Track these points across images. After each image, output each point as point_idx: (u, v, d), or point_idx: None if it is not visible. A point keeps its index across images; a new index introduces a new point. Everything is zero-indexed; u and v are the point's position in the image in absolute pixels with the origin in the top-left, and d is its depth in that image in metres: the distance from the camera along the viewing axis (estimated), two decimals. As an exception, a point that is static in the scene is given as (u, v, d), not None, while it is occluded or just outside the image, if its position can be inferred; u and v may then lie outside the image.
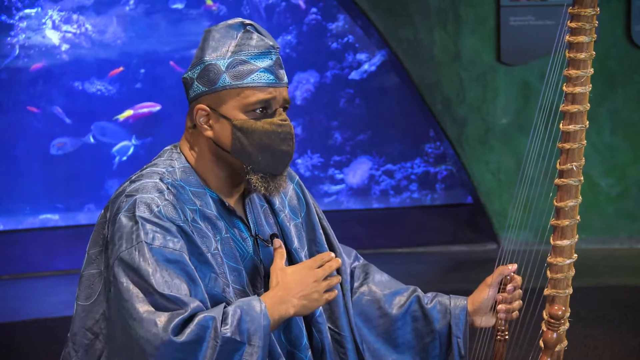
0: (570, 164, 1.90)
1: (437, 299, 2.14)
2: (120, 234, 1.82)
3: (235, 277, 1.92)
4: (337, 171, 7.74)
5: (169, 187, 1.88)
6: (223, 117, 1.90)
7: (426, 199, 7.80)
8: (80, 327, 1.91)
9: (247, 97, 1.89)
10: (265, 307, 1.82)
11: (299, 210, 2.13)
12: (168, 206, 1.85)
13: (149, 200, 1.84)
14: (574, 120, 1.88)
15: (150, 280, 1.77)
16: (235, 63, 1.89)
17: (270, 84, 1.91)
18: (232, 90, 1.89)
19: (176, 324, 1.73)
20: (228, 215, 1.96)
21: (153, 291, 1.76)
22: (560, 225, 1.93)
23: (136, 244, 1.80)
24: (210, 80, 1.90)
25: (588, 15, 1.84)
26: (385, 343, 2.16)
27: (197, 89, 1.92)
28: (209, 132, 1.92)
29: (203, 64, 1.91)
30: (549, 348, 1.95)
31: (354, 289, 2.20)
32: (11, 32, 7.21)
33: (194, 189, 1.92)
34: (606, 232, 6.76)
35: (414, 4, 6.60)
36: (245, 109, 1.89)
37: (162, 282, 1.77)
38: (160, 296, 1.76)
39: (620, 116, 6.72)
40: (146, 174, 1.91)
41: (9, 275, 6.34)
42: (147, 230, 1.81)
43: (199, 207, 1.91)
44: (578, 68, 1.86)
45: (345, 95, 7.71)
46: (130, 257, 1.79)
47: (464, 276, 6.05)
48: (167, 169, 1.93)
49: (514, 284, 2.05)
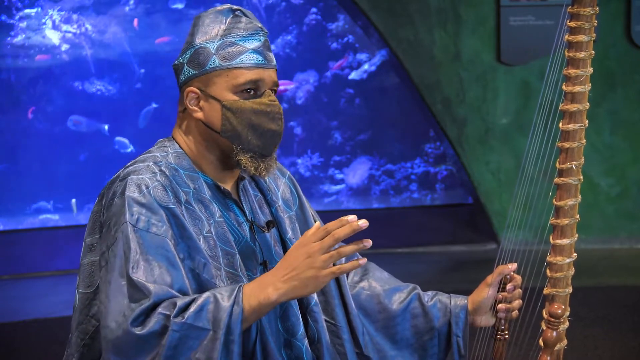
0: (569, 163, 1.90)
1: (438, 297, 2.15)
2: (115, 217, 1.84)
3: (228, 260, 1.91)
4: (337, 171, 7.74)
5: (162, 169, 1.90)
6: (213, 98, 1.92)
7: (426, 199, 7.80)
8: (85, 315, 1.92)
9: (236, 77, 1.91)
10: (239, 293, 1.76)
11: (292, 203, 2.14)
12: (158, 187, 1.86)
13: (139, 181, 1.85)
14: (574, 119, 1.88)
15: (128, 264, 1.77)
16: (224, 45, 1.92)
17: (259, 64, 1.93)
18: (222, 71, 1.92)
19: (137, 314, 1.73)
20: (223, 198, 1.97)
21: (126, 275, 1.76)
22: (560, 224, 1.93)
23: (121, 224, 1.81)
24: (200, 63, 1.93)
25: (587, 14, 1.84)
26: (385, 338, 2.15)
27: (187, 72, 1.95)
28: (199, 113, 1.95)
29: (193, 48, 1.94)
30: (549, 347, 1.95)
31: (353, 284, 2.20)
32: (11, 32, 7.21)
33: (188, 172, 1.94)
34: (606, 232, 6.76)
35: (414, 4, 6.60)
36: (235, 89, 1.92)
37: (137, 266, 1.77)
38: (129, 282, 1.76)
39: (620, 116, 6.72)
40: (140, 160, 1.93)
41: (9, 275, 6.35)
42: (133, 212, 1.82)
43: (192, 189, 1.92)
44: (577, 67, 1.86)
45: (345, 95, 7.71)
46: (114, 238, 1.81)
47: (464, 276, 6.05)
48: (161, 154, 1.95)
49: (514, 283, 2.05)
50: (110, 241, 1.83)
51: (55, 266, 6.43)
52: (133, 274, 1.76)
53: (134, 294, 1.75)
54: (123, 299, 1.75)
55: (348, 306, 2.11)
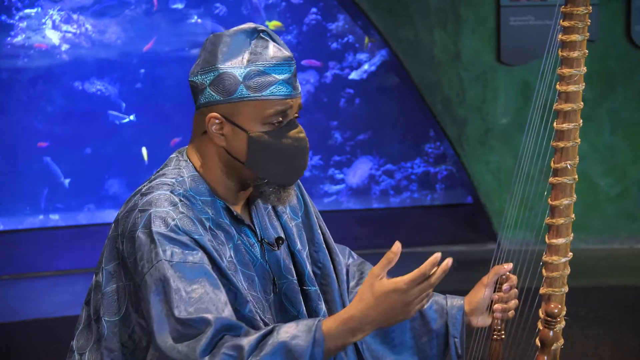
0: (564, 163, 1.91)
1: (434, 298, 2.14)
2: (141, 254, 1.79)
3: (249, 284, 1.89)
4: (337, 171, 7.74)
5: (182, 198, 1.85)
6: (239, 128, 1.86)
7: (426, 199, 7.79)
8: (116, 342, 1.87)
9: (265, 109, 1.84)
10: (319, 334, 1.72)
11: (298, 209, 2.12)
12: (184, 219, 1.81)
13: (164, 214, 1.80)
14: (568, 119, 1.89)
15: (171, 303, 1.73)
16: (252, 73, 1.84)
17: (288, 95, 1.87)
18: (250, 101, 1.84)
19: (203, 347, 1.69)
20: (236, 223, 1.94)
21: (172, 316, 1.73)
22: (556, 224, 1.94)
23: (156, 262, 1.76)
24: (225, 89, 1.84)
25: (580, 13, 1.84)
26: (383, 344, 2.14)
27: (209, 96, 1.86)
28: (222, 141, 1.88)
29: (217, 72, 1.85)
30: (546, 346, 1.95)
31: (350, 289, 2.19)
32: (11, 32, 7.21)
33: (205, 197, 1.90)
34: (606, 232, 6.76)
35: (414, 4, 6.60)
36: (263, 120, 1.85)
37: (183, 302, 1.73)
38: (179, 322, 1.72)
39: (619, 116, 6.71)
40: (155, 186, 1.87)
41: (9, 275, 6.35)
42: (165, 248, 1.77)
43: (211, 215, 1.88)
44: (571, 67, 1.86)
45: (345, 95, 7.71)
46: (151, 278, 1.76)
47: (464, 276, 6.01)
48: (177, 179, 1.89)
49: (510, 283, 2.04)
50: (140, 277, 1.79)
51: (55, 266, 6.43)
52: (180, 313, 1.73)
53: (187, 331, 1.72)
54: (172, 340, 1.72)
55: None
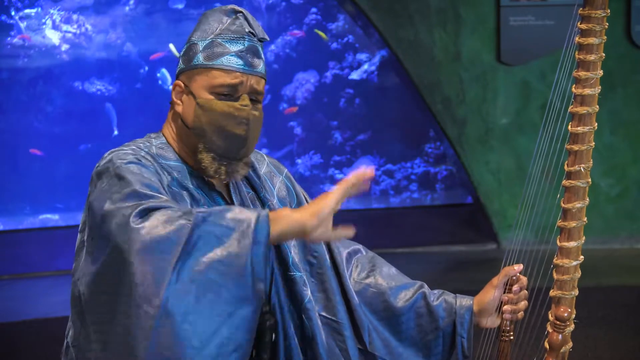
0: (578, 166, 1.90)
1: (444, 297, 2.14)
2: (95, 181, 1.84)
3: None
4: (337, 171, 7.73)
5: (145, 155, 1.90)
6: (191, 94, 1.94)
7: (426, 199, 7.79)
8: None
9: (214, 77, 1.92)
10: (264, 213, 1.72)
11: (289, 202, 2.12)
12: (143, 162, 1.86)
13: (123, 156, 1.86)
14: (583, 122, 1.88)
15: (129, 180, 1.77)
16: (211, 44, 1.93)
17: (239, 69, 1.92)
18: (203, 69, 1.93)
19: (146, 207, 1.71)
20: (208, 190, 1.96)
21: (131, 189, 1.75)
22: (567, 227, 1.93)
23: (112, 169, 1.81)
24: (189, 58, 1.95)
25: (599, 16, 1.83)
26: (392, 335, 2.14)
27: (179, 65, 1.99)
28: (179, 107, 1.96)
29: (189, 43, 1.97)
30: (554, 349, 1.95)
31: (360, 280, 2.17)
32: (11, 32, 7.20)
33: (171, 162, 1.94)
34: (606, 232, 6.77)
35: (414, 4, 6.60)
36: (211, 89, 1.92)
37: (134, 181, 1.77)
38: (128, 194, 1.75)
39: (620, 116, 6.72)
40: (121, 147, 1.93)
41: (9, 275, 6.34)
42: (123, 161, 1.83)
43: (175, 176, 1.92)
44: (588, 70, 1.85)
45: (345, 95, 7.70)
46: (103, 173, 1.82)
47: (464, 276, 6.05)
48: (144, 144, 1.95)
49: (520, 285, 2.04)
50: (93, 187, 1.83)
51: (55, 266, 6.42)
52: (137, 186, 1.76)
53: (135, 198, 1.74)
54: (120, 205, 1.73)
55: (350, 302, 2.10)
